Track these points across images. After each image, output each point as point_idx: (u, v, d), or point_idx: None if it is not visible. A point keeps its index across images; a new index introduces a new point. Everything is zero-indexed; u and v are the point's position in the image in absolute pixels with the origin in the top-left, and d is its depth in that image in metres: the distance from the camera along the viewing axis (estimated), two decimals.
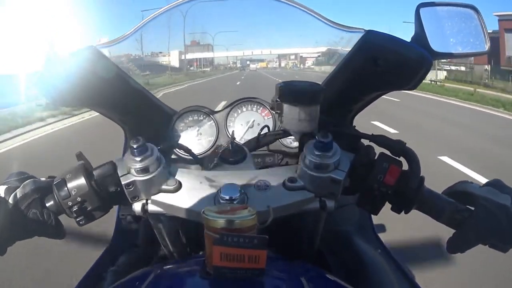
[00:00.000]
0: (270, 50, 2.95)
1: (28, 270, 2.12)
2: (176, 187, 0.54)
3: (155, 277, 0.46)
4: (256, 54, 3.25)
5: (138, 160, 0.52)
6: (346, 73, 0.65)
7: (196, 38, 2.55)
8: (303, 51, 3.27)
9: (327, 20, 0.67)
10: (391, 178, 0.54)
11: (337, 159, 0.53)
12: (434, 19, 0.67)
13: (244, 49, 2.69)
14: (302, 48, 2.71)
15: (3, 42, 0.64)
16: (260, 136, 0.68)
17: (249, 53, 2.96)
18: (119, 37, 0.69)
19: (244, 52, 3.04)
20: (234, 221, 0.41)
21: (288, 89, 0.59)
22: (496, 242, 0.53)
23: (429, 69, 0.57)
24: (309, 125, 0.60)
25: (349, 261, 0.80)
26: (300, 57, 4.70)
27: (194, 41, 2.92)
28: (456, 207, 0.54)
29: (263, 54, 3.32)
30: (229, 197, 0.51)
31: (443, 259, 2.20)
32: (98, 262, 0.81)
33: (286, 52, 3.89)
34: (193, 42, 2.94)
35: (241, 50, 2.86)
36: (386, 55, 0.57)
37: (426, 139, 5.70)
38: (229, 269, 0.41)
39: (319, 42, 1.08)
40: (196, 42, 2.93)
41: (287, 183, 0.54)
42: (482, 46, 0.69)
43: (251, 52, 2.93)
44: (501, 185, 0.55)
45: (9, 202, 0.52)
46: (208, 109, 0.96)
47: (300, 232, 0.67)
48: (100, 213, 0.57)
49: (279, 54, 3.72)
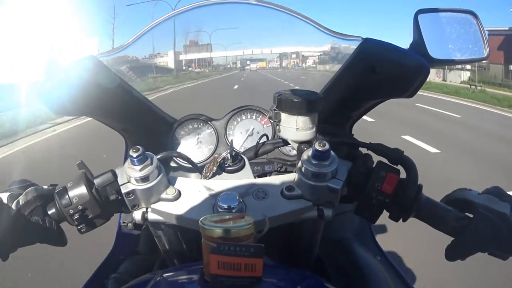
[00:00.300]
0: (270, 49, 2.96)
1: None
2: (175, 195, 0.55)
3: (154, 285, 0.47)
4: (256, 54, 3.25)
5: (137, 169, 0.53)
6: (344, 81, 0.65)
7: (194, 37, 2.48)
8: (304, 49, 3.28)
9: (324, 29, 0.67)
10: (388, 187, 0.54)
11: (335, 168, 0.53)
12: (433, 25, 0.67)
13: (243, 48, 2.66)
14: (304, 47, 2.72)
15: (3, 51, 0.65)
16: (258, 145, 0.69)
17: (249, 52, 2.95)
18: (120, 46, 0.70)
19: (244, 52, 3.01)
20: (230, 230, 0.42)
21: (286, 98, 0.59)
22: (495, 250, 0.53)
23: (426, 77, 0.57)
24: (307, 134, 0.60)
25: (348, 269, 0.79)
26: (302, 56, 4.71)
27: (193, 41, 2.86)
28: (455, 215, 0.54)
29: (264, 53, 3.32)
30: (227, 206, 0.52)
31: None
32: (100, 269, 0.82)
33: (287, 50, 3.89)
34: (191, 42, 2.89)
35: (240, 49, 2.83)
36: (383, 64, 0.57)
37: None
38: (226, 278, 0.42)
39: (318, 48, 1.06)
40: (195, 42, 2.88)
41: (285, 191, 0.55)
42: (481, 52, 0.69)
43: (251, 51, 2.93)
44: (500, 193, 0.55)
45: (12, 208, 0.53)
46: (207, 117, 0.96)
47: (298, 240, 0.67)
48: (101, 220, 0.57)
49: (280, 54, 3.71)
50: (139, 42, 0.72)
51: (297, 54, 3.12)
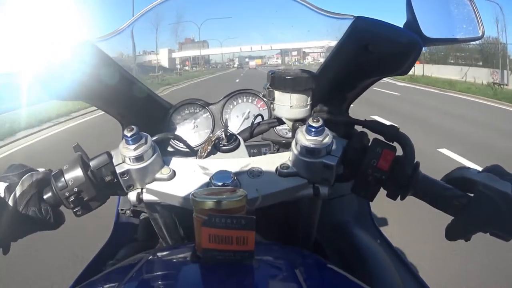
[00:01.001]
0: (270, 45, 2.80)
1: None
2: (170, 175, 0.55)
3: (146, 263, 0.47)
4: (255, 50, 3.07)
5: (132, 148, 0.53)
6: (338, 61, 0.65)
7: (185, 31, 2.37)
8: (306, 45, 3.12)
9: (316, 8, 0.67)
10: (384, 163, 0.53)
11: (329, 144, 0.53)
12: (426, 5, 0.66)
13: (241, 44, 2.46)
14: (305, 42, 2.57)
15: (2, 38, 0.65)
16: (254, 125, 0.69)
17: (247, 48, 2.79)
18: (115, 30, 0.70)
19: (242, 48, 2.83)
20: (222, 201, 0.42)
21: (279, 76, 0.59)
22: (496, 231, 0.51)
23: (419, 53, 0.57)
24: (301, 112, 0.60)
25: (347, 252, 0.79)
26: (302, 52, 4.56)
27: (189, 39, 2.77)
28: (454, 193, 0.53)
29: (263, 50, 3.13)
30: (221, 183, 0.52)
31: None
32: (98, 256, 0.82)
33: (287, 46, 3.72)
34: (187, 39, 2.79)
35: (238, 46, 2.62)
36: (376, 41, 0.57)
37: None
38: (218, 252, 0.41)
39: (311, 31, 1.04)
40: (191, 39, 2.78)
41: (280, 169, 0.55)
42: (475, 32, 0.68)
43: (250, 48, 2.78)
44: (501, 171, 0.54)
45: (9, 203, 0.53)
46: (203, 102, 0.97)
47: (296, 221, 0.67)
48: (97, 203, 0.57)
49: (281, 50, 3.55)
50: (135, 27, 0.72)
51: (298, 51, 3.10)
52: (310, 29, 0.64)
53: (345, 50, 0.62)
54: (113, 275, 0.48)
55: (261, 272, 0.44)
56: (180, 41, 6.15)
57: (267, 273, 0.45)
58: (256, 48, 3.34)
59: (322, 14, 0.67)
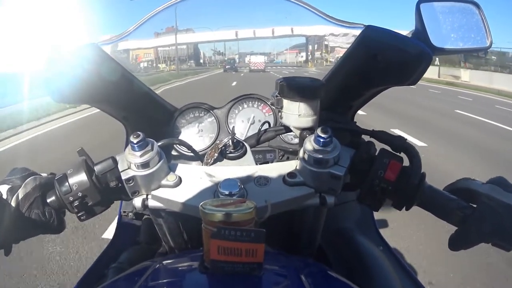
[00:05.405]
0: (272, 29, 2.56)
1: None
2: (176, 182, 0.55)
3: (153, 272, 0.46)
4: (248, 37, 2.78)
5: (138, 155, 0.53)
6: (346, 68, 0.65)
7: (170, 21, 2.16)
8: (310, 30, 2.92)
9: (327, 17, 0.67)
10: (391, 174, 0.53)
11: (337, 154, 0.52)
12: (435, 15, 0.66)
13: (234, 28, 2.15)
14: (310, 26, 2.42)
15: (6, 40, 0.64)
16: (260, 132, 0.68)
17: (247, 34, 2.53)
18: (120, 34, 0.70)
19: (238, 33, 2.55)
20: (231, 214, 0.41)
21: (288, 84, 0.59)
22: (499, 241, 0.52)
23: (429, 64, 0.57)
24: (309, 121, 0.59)
25: (350, 259, 0.79)
26: (324, 46, 4.25)
27: (170, 28, 2.52)
28: (458, 204, 0.53)
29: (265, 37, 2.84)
30: (228, 192, 0.51)
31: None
32: (100, 259, 0.82)
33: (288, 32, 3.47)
34: (168, 28, 2.55)
35: (233, 29, 2.26)
36: (385, 51, 0.57)
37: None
38: (226, 263, 0.41)
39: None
40: (172, 28, 2.52)
41: (287, 178, 0.54)
42: (483, 42, 0.69)
43: (253, 31, 2.51)
44: (505, 183, 0.54)
45: (12, 205, 0.52)
46: (209, 106, 0.96)
47: (300, 229, 0.66)
48: (101, 208, 0.57)
49: (306, 37, 3.28)
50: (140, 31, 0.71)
51: (319, 45, 3.08)
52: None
53: (354, 58, 0.62)
54: (121, 283, 0.48)
55: (268, 283, 0.44)
56: (158, 31, 5.66)
57: (274, 284, 0.45)
58: (259, 33, 3.00)
59: (333, 22, 0.66)
